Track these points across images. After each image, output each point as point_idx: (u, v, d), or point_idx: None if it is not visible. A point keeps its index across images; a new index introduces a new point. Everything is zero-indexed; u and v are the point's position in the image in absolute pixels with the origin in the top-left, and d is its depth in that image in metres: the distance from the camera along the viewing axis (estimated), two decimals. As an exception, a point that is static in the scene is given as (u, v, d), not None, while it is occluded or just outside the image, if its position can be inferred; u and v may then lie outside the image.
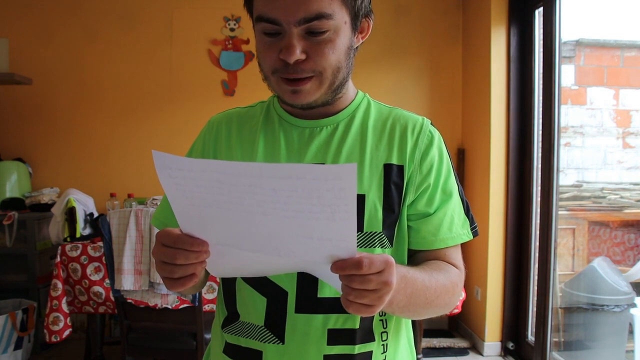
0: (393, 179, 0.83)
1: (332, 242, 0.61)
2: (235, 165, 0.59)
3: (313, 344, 0.82)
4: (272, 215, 0.60)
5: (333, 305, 0.82)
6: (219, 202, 0.61)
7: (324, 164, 0.83)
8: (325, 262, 0.63)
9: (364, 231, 0.81)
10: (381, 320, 0.86)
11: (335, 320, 0.82)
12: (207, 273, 0.89)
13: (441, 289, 0.80)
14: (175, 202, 0.64)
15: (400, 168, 0.84)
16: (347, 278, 0.62)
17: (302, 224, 0.59)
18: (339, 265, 0.62)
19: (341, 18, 0.76)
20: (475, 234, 0.89)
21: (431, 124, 0.89)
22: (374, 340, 0.85)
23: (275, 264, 0.71)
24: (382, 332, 0.86)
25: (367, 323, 0.84)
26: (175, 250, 0.65)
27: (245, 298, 0.86)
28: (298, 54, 0.74)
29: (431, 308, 0.80)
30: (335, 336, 0.82)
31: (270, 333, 0.83)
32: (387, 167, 0.84)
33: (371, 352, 0.84)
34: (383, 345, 0.86)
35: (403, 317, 0.82)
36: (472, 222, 0.89)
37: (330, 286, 0.81)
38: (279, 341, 0.82)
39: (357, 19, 0.79)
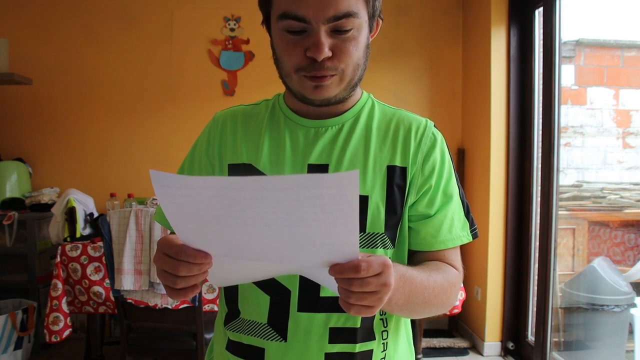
0: (396, 181, 0.84)
1: (334, 246, 0.61)
2: (237, 181, 0.57)
3: (315, 342, 0.83)
4: (274, 226, 0.59)
5: (335, 304, 0.82)
6: (219, 217, 0.60)
7: (328, 165, 0.84)
8: (327, 267, 0.63)
9: (367, 232, 0.82)
10: (381, 319, 0.87)
11: (336, 319, 0.83)
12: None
13: (439, 288, 0.80)
14: (174, 219, 0.62)
15: (403, 170, 0.84)
16: (346, 282, 0.62)
17: (304, 232, 0.59)
18: (337, 269, 0.62)
19: (363, 17, 0.77)
20: (474, 236, 0.90)
21: (434, 126, 0.90)
22: (374, 339, 0.85)
23: (275, 269, 0.71)
24: (382, 331, 0.87)
25: (368, 322, 0.85)
26: (177, 262, 0.64)
27: (248, 296, 0.86)
28: (327, 52, 0.75)
29: (429, 307, 0.81)
30: (337, 335, 0.83)
31: (273, 331, 0.84)
32: (391, 169, 0.84)
33: (371, 350, 0.85)
34: (383, 343, 0.87)
35: (402, 315, 0.83)
36: (472, 224, 0.90)
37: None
38: (281, 339, 0.83)
39: (373, 17, 0.81)
